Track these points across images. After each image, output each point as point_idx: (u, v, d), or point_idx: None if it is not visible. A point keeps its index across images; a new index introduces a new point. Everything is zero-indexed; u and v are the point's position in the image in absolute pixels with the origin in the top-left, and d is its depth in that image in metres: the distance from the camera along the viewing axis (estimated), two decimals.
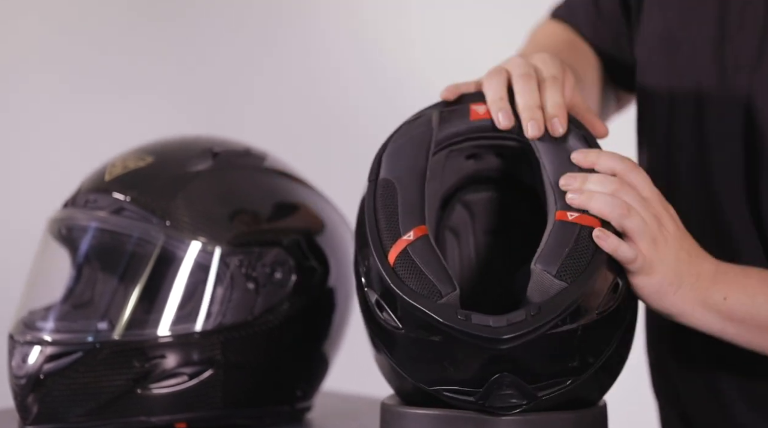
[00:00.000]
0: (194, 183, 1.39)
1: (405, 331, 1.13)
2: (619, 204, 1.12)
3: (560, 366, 1.12)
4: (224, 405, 1.38)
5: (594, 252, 1.12)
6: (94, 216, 1.38)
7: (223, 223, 1.38)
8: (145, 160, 1.41)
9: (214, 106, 2.50)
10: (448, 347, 1.11)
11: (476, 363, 1.11)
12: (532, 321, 1.09)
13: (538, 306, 1.09)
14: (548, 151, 1.18)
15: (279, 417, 1.43)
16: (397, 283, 1.12)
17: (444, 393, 1.13)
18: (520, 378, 1.11)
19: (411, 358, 1.15)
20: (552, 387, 1.12)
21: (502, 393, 1.11)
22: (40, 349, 1.34)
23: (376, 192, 1.18)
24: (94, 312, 1.37)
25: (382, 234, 1.15)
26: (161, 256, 1.36)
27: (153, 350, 1.35)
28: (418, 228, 1.15)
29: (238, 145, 1.46)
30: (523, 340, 1.09)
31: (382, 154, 1.21)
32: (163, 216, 1.36)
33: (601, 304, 1.12)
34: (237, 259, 1.37)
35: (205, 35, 2.52)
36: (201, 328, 1.36)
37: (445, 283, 1.12)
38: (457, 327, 1.09)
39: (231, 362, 1.37)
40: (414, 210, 1.16)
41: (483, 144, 1.22)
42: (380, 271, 1.13)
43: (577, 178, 1.14)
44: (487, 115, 1.21)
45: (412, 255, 1.13)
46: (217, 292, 1.36)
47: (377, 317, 1.15)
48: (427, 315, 1.10)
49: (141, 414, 1.35)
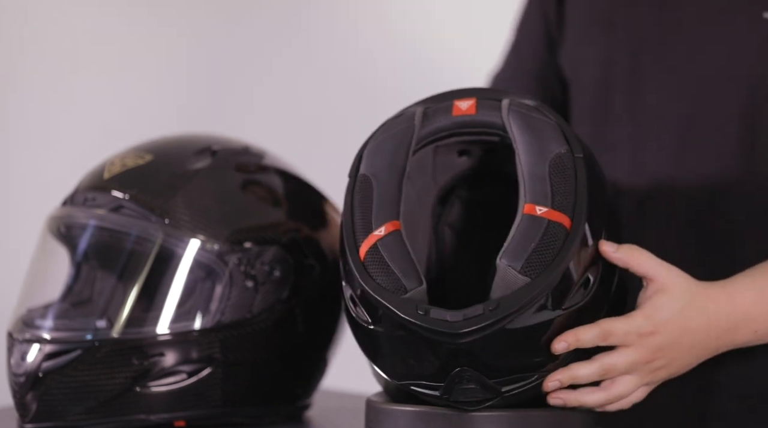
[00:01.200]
0: (193, 181, 1.39)
1: (374, 326, 1.15)
2: (612, 393, 1.17)
3: (524, 361, 1.13)
4: (223, 403, 1.38)
5: (561, 247, 1.12)
6: (93, 214, 1.38)
7: (222, 221, 1.38)
8: (144, 158, 1.40)
9: (213, 104, 2.50)
10: (411, 342, 1.13)
11: (436, 357, 1.12)
12: (489, 316, 1.09)
13: (497, 301, 1.10)
14: (524, 144, 1.18)
15: (278, 415, 1.43)
16: (365, 278, 1.14)
17: (411, 387, 1.15)
18: (481, 373, 1.12)
19: (381, 353, 1.17)
20: (516, 383, 1.13)
21: (463, 387, 1.13)
22: (39, 347, 1.34)
23: (354, 188, 1.20)
24: (93, 310, 1.37)
25: (356, 229, 1.17)
26: (160, 254, 1.36)
27: (152, 348, 1.34)
28: (390, 223, 1.16)
29: (236, 143, 1.46)
30: (480, 335, 1.09)
31: (363, 150, 1.22)
32: (162, 214, 1.36)
33: (568, 300, 1.12)
34: (236, 257, 1.37)
35: (204, 32, 2.52)
36: (200, 326, 1.36)
37: (410, 278, 1.13)
38: (415, 322, 1.10)
39: (230, 360, 1.37)
40: (388, 205, 1.17)
41: (466, 139, 1.23)
42: (351, 266, 1.15)
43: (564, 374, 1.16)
44: (470, 111, 1.21)
45: (381, 250, 1.15)
46: (215, 290, 1.36)
47: (352, 312, 1.17)
48: (388, 309, 1.12)
49: (140, 412, 1.35)
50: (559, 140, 1.18)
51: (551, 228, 1.13)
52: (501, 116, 1.20)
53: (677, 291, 1.17)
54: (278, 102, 2.49)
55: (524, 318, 1.11)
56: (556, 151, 1.17)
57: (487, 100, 1.22)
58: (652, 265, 1.18)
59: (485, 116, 1.22)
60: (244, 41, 2.51)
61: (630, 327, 1.15)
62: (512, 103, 1.21)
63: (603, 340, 1.14)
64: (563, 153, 1.17)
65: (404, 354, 1.15)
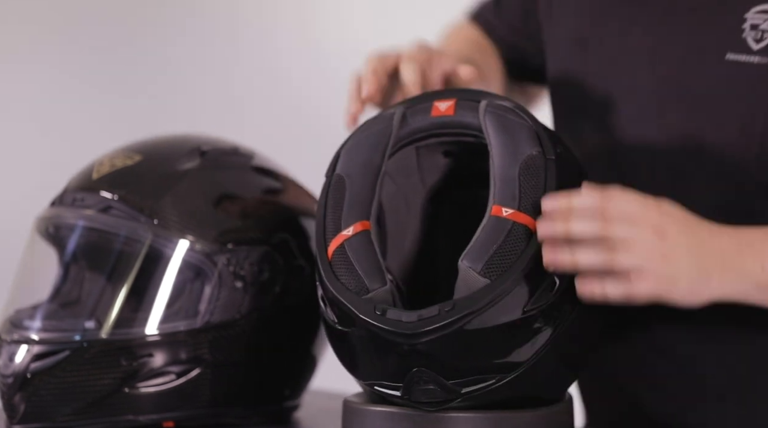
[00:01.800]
0: (182, 181, 1.39)
1: (340, 326, 1.15)
2: (601, 259, 1.11)
3: (484, 363, 1.13)
4: (212, 404, 1.38)
5: (523, 249, 1.12)
6: (81, 215, 1.37)
7: (211, 222, 1.38)
8: (133, 159, 1.40)
9: (201, 106, 2.50)
10: (371, 342, 1.14)
11: (393, 358, 1.13)
12: (444, 317, 1.10)
13: (453, 302, 1.10)
14: (498, 146, 1.18)
15: (266, 416, 1.43)
16: (330, 278, 1.15)
17: (375, 387, 1.16)
18: (439, 374, 1.12)
19: (347, 353, 1.18)
20: (476, 384, 1.13)
21: (422, 388, 1.13)
22: (28, 348, 1.34)
23: (329, 187, 1.21)
24: (82, 310, 1.36)
25: (327, 229, 1.18)
26: (149, 255, 1.35)
27: (140, 349, 1.34)
28: (359, 223, 1.17)
29: (225, 144, 1.46)
30: (434, 336, 1.10)
31: (341, 150, 1.22)
32: (151, 215, 1.36)
33: (530, 303, 1.12)
34: (225, 258, 1.37)
35: (189, 35, 2.52)
36: (188, 327, 1.36)
37: (373, 279, 1.14)
38: (371, 322, 1.11)
39: (219, 361, 1.37)
40: (358, 206, 1.18)
41: (445, 140, 1.23)
42: (320, 266, 1.16)
43: (558, 221, 1.12)
44: (448, 112, 1.22)
45: (347, 251, 1.15)
46: (204, 291, 1.36)
47: (322, 311, 1.17)
48: (348, 309, 1.13)
49: (129, 413, 1.35)
50: (532, 142, 1.18)
51: (515, 230, 1.13)
52: (478, 117, 1.21)
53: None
54: (268, 101, 2.49)
55: (483, 320, 1.11)
56: (528, 152, 1.17)
57: (466, 101, 1.22)
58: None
59: (463, 117, 1.22)
60: (234, 39, 2.51)
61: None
62: (489, 104, 1.21)
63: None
64: (535, 154, 1.17)
65: (366, 355, 1.15)
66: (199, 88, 2.52)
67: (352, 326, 1.14)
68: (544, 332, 1.14)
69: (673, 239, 1.13)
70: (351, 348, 1.17)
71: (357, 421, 1.18)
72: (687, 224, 1.16)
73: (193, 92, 2.52)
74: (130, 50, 2.52)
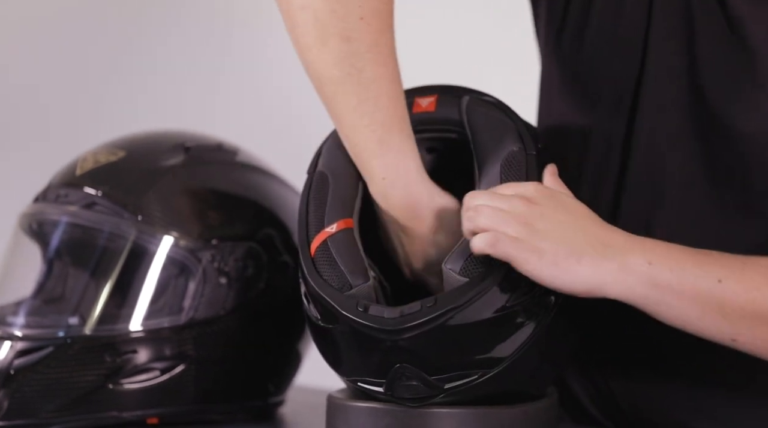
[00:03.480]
0: (166, 177, 1.39)
1: (323, 322, 1.15)
2: (467, 215, 1.11)
3: (465, 359, 1.13)
4: (196, 400, 1.37)
5: None
6: (65, 211, 1.37)
7: (195, 218, 1.38)
8: (117, 155, 1.40)
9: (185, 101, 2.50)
10: (353, 338, 1.14)
11: (376, 354, 1.13)
12: (426, 313, 1.10)
13: (434, 298, 1.11)
14: (479, 143, 1.19)
15: (251, 412, 1.43)
16: (312, 274, 1.15)
17: (358, 383, 1.16)
18: (421, 370, 1.12)
19: (330, 349, 1.18)
20: (459, 380, 1.13)
21: (405, 384, 1.13)
22: (11, 344, 1.33)
23: (311, 184, 1.21)
24: (65, 307, 1.36)
25: (310, 225, 1.18)
26: (133, 251, 1.35)
27: (124, 345, 1.34)
28: (342, 220, 1.17)
29: (210, 140, 1.46)
30: (416, 332, 1.10)
31: (323, 147, 1.22)
32: (135, 211, 1.36)
33: (511, 299, 1.12)
34: (209, 254, 1.37)
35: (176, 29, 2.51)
36: (173, 323, 1.35)
37: (356, 275, 1.14)
38: (352, 318, 1.12)
39: (203, 357, 1.37)
40: (342, 203, 1.18)
41: (427, 136, 1.23)
42: (302, 262, 1.17)
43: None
44: (429, 108, 1.22)
45: (330, 247, 1.16)
46: (189, 287, 1.36)
47: (305, 308, 1.18)
48: (329, 304, 1.13)
49: (113, 409, 1.35)
50: (513, 138, 1.18)
51: None
52: (460, 113, 1.21)
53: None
54: (251, 97, 2.49)
55: (465, 316, 1.11)
56: (509, 148, 1.18)
57: (448, 97, 1.23)
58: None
59: (444, 113, 1.22)
60: (217, 33, 2.51)
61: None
62: (471, 100, 1.22)
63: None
64: (516, 151, 1.18)
65: (349, 351, 1.16)
66: (183, 83, 2.52)
67: (335, 323, 1.14)
68: (525, 327, 1.14)
69: (544, 212, 1.11)
70: (334, 344, 1.17)
71: (341, 417, 1.18)
72: (567, 206, 1.13)
73: (178, 87, 2.52)
74: (115, 44, 2.51)
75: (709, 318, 1.12)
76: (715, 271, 1.12)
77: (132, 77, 2.51)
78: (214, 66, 2.52)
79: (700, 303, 1.12)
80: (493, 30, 2.27)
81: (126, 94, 2.49)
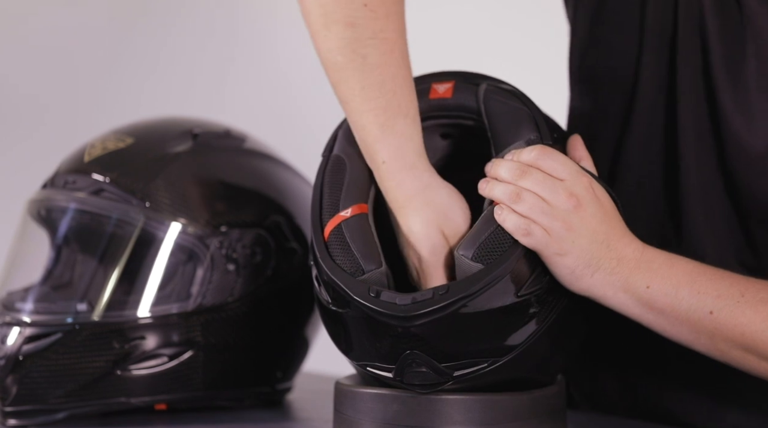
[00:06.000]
0: (174, 164, 1.39)
1: (334, 307, 1.15)
2: (510, 190, 1.12)
3: (476, 347, 1.13)
4: (204, 387, 1.38)
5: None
6: (73, 198, 1.37)
7: (203, 205, 1.38)
8: (125, 141, 1.40)
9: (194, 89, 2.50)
10: (364, 323, 1.13)
11: (387, 340, 1.13)
12: (438, 300, 1.10)
13: (447, 286, 1.11)
14: (496, 130, 1.19)
15: (259, 399, 1.43)
16: (325, 258, 1.15)
17: (367, 368, 1.16)
18: (431, 357, 1.12)
19: (340, 333, 1.18)
20: (468, 368, 1.13)
21: (415, 370, 1.13)
22: (20, 330, 1.34)
23: (327, 167, 1.20)
24: (74, 293, 1.36)
25: (324, 209, 1.18)
26: (141, 238, 1.35)
27: (132, 331, 1.34)
28: (357, 205, 1.17)
29: (217, 127, 1.45)
30: (428, 319, 1.10)
31: (339, 131, 1.22)
32: (143, 198, 1.36)
33: (523, 288, 1.12)
34: (217, 240, 1.37)
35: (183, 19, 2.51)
36: (181, 309, 1.36)
37: (369, 261, 1.13)
38: (364, 303, 1.11)
39: (211, 343, 1.37)
40: (358, 187, 1.18)
41: (443, 123, 1.23)
42: (314, 246, 1.16)
43: (493, 165, 1.15)
44: (446, 94, 1.21)
45: (344, 232, 1.15)
46: (197, 274, 1.36)
47: (316, 291, 1.17)
48: (342, 289, 1.13)
49: (121, 396, 1.35)
50: (530, 126, 1.18)
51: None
52: (477, 100, 1.20)
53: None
54: (259, 85, 2.49)
55: (477, 304, 1.11)
56: (526, 137, 1.17)
57: (465, 84, 1.22)
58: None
59: (461, 100, 1.22)
60: (226, 21, 2.51)
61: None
62: (488, 87, 1.21)
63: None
64: (533, 139, 1.17)
65: (359, 336, 1.15)
66: (192, 72, 2.52)
67: (347, 307, 1.14)
68: (537, 316, 1.14)
69: (583, 214, 1.13)
70: (344, 329, 1.17)
71: (349, 403, 1.18)
72: (606, 217, 1.15)
73: (187, 75, 2.52)
74: (122, 35, 2.51)
75: (701, 342, 1.16)
76: (709, 303, 1.14)
77: (140, 67, 2.51)
78: (221, 54, 2.52)
79: (692, 329, 1.15)
80: (511, 19, 2.27)
81: (134, 84, 2.49)
